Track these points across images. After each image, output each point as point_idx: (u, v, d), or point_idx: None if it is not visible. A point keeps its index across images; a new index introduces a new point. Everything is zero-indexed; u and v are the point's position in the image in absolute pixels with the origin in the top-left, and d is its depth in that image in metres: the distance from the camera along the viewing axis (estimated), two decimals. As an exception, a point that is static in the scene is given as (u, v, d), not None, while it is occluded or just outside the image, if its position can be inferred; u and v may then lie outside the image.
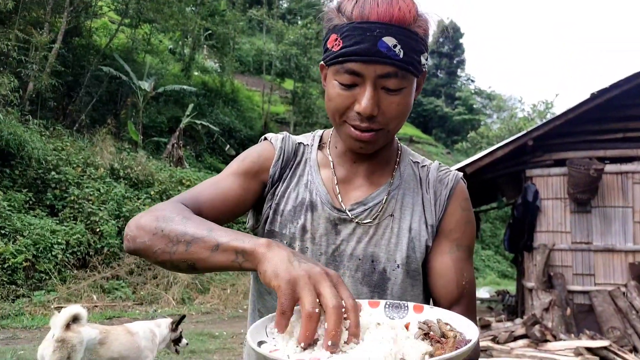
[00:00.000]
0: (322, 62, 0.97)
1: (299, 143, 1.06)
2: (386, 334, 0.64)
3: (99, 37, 15.97)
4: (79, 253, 8.99)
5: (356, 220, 0.97)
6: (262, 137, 1.08)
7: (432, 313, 0.73)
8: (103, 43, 15.22)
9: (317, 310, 0.61)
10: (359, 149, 0.93)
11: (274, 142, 1.03)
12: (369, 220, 0.97)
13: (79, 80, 13.51)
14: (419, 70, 0.90)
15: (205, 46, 21.69)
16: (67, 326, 3.38)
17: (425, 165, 1.06)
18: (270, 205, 1.00)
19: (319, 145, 1.06)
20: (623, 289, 6.96)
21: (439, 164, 1.07)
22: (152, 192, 11.20)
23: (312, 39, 20.03)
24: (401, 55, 0.85)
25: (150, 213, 0.84)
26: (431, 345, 0.63)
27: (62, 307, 7.96)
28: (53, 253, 8.49)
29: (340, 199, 0.99)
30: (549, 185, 7.56)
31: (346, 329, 0.62)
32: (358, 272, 0.96)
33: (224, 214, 0.95)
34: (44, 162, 9.69)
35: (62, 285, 8.44)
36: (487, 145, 25.90)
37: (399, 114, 0.90)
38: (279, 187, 1.01)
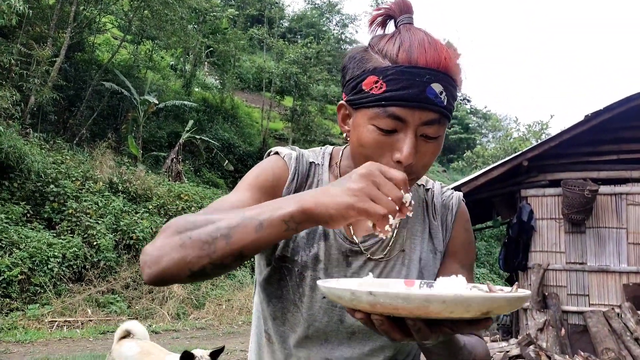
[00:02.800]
0: (343, 102, 0.92)
1: (311, 162, 1.01)
2: (458, 281, 0.71)
3: (102, 53, 16.16)
4: (75, 266, 8.99)
5: (368, 254, 0.96)
6: (273, 151, 1.01)
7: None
8: (105, 58, 15.39)
9: (395, 206, 0.69)
10: None
11: (288, 160, 0.98)
12: (380, 255, 0.96)
13: (80, 95, 13.63)
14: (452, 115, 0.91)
15: (206, 63, 21.93)
16: (121, 339, 3.51)
17: (429, 189, 1.05)
18: None
19: (329, 165, 1.02)
20: (617, 310, 6.98)
21: (441, 185, 1.07)
22: (150, 207, 11.23)
23: (312, 58, 20.25)
24: (445, 103, 0.83)
25: (164, 232, 0.77)
26: None
27: (55, 321, 7.98)
28: (49, 266, 8.48)
29: (351, 230, 0.97)
30: (544, 205, 7.63)
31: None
32: None
33: None
34: (43, 175, 9.74)
35: (56, 299, 8.42)
36: (482, 164, 26.04)
37: (430, 162, 0.88)
38: None
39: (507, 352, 6.58)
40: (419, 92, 0.80)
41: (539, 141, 9.08)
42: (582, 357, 6.53)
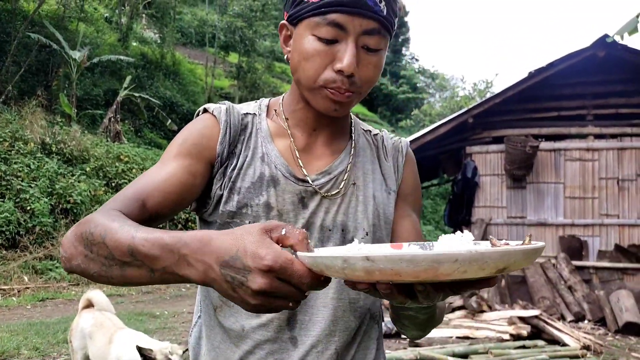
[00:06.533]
0: (284, 22, 0.91)
1: (245, 113, 0.97)
2: (464, 237, 0.64)
3: (27, 2, 14.85)
4: (7, 232, 8.48)
5: (322, 192, 0.93)
6: (202, 109, 0.97)
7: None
8: (31, 9, 14.16)
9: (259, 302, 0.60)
10: (334, 111, 0.88)
11: (217, 114, 0.93)
12: (335, 191, 0.94)
13: (4, 48, 12.55)
14: (393, 33, 0.88)
15: (144, 15, 20.67)
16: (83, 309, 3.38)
17: (377, 134, 1.05)
18: (222, 184, 0.91)
19: (267, 114, 0.99)
20: (553, 261, 7.35)
21: (388, 132, 1.08)
22: (87, 169, 10.68)
23: (258, 12, 19.51)
24: (384, 12, 0.83)
25: (77, 229, 0.76)
26: None
27: (-12, 290, 7.54)
28: (-22, 233, 7.96)
29: (304, 171, 0.94)
30: (487, 161, 7.80)
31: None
32: (329, 243, 0.92)
33: (174, 204, 0.87)
34: (-35, 136, 8.99)
35: (-12, 267, 7.94)
36: (429, 123, 26.44)
37: (374, 76, 0.87)
38: (232, 163, 0.92)
39: (451, 303, 6.82)
40: None
41: (484, 99, 9.23)
42: (520, 305, 6.86)
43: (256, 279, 0.58)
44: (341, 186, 0.95)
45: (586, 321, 6.74)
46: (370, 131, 1.05)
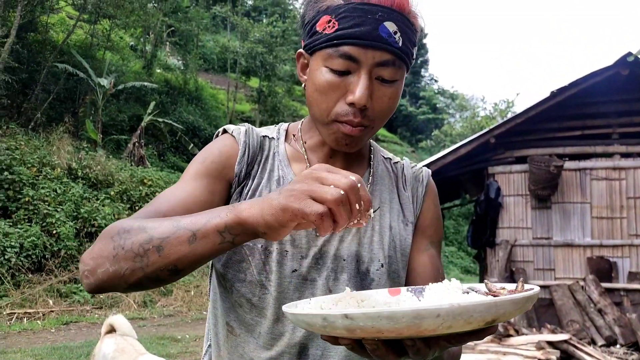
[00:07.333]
0: (301, 50, 0.90)
1: (264, 136, 0.97)
2: (452, 285, 0.63)
3: (56, 33, 15.41)
4: (34, 256, 8.63)
5: None
6: (221, 130, 0.97)
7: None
8: (60, 39, 14.68)
9: (342, 192, 0.59)
10: (345, 146, 0.87)
11: (237, 135, 0.93)
12: None
13: (34, 77, 12.98)
14: (411, 63, 0.86)
15: (167, 43, 21.24)
16: (106, 334, 3.34)
17: (397, 162, 1.03)
18: None
19: (285, 139, 0.99)
20: (582, 283, 7.14)
21: (409, 161, 1.06)
22: (112, 193, 10.86)
23: (278, 37, 19.85)
24: (400, 44, 0.81)
25: (100, 239, 0.73)
26: None
27: (15, 313, 7.65)
28: (6, 257, 8.12)
29: None
30: (511, 182, 7.69)
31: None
32: (343, 274, 0.89)
33: None
34: (-5, 162, 9.25)
35: (15, 290, 8.08)
36: (450, 143, 26.31)
37: (389, 108, 0.85)
38: (248, 184, 0.91)
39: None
40: (371, 29, 0.79)
41: (505, 119, 9.16)
42: (548, 329, 6.66)
43: (332, 188, 0.60)
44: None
45: (618, 346, 6.50)
46: (390, 159, 1.03)
